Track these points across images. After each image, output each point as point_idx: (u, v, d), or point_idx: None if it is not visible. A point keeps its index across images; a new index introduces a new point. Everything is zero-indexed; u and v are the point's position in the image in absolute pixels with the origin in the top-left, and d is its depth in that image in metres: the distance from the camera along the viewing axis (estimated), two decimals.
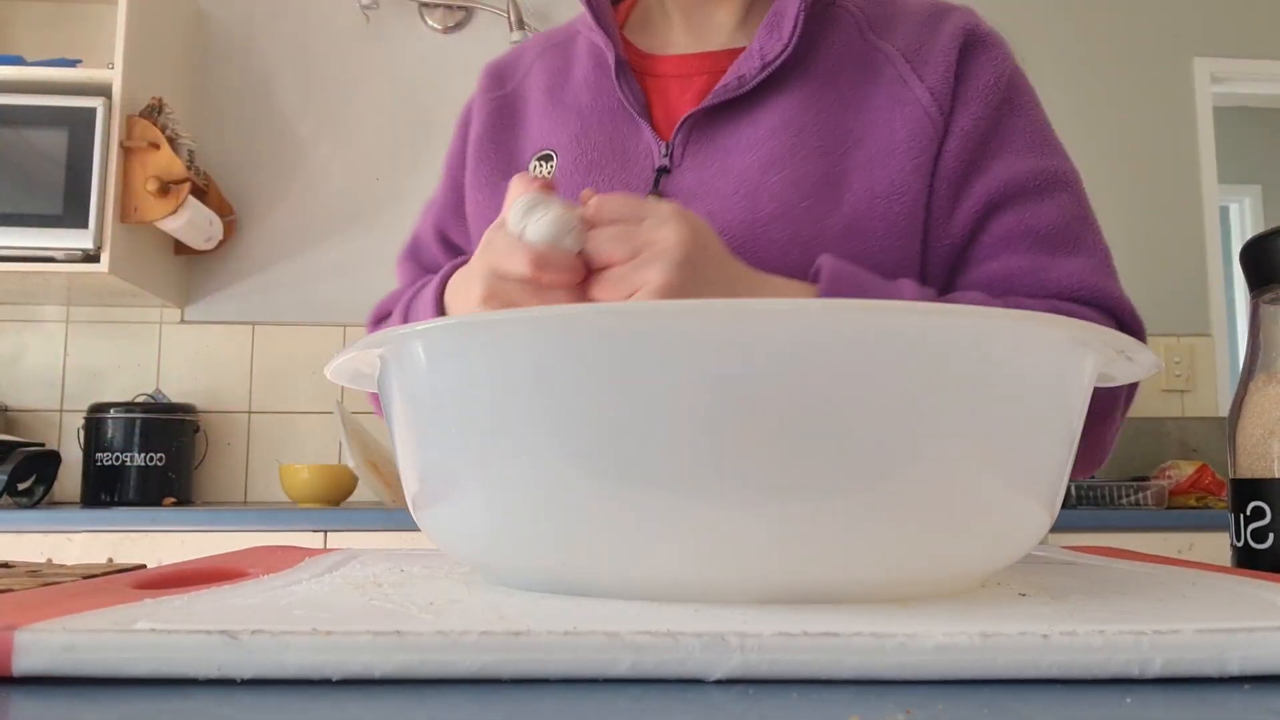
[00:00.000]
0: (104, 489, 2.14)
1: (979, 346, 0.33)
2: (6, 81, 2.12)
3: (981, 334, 0.33)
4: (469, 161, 0.83)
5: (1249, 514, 0.53)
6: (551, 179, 0.67)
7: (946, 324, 0.32)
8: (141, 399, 2.30)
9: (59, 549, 1.81)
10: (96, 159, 2.07)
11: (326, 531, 1.86)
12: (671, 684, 0.26)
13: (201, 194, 2.31)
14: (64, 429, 2.38)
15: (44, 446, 2.09)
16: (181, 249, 2.39)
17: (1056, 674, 0.26)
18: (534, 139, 0.80)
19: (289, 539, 1.74)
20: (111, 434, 2.15)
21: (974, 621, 0.28)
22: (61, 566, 0.50)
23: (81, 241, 2.05)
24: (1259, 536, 0.52)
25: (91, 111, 2.08)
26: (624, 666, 0.26)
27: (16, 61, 2.16)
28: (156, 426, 2.18)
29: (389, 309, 0.86)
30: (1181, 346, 2.60)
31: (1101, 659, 0.26)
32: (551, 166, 0.77)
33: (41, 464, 2.04)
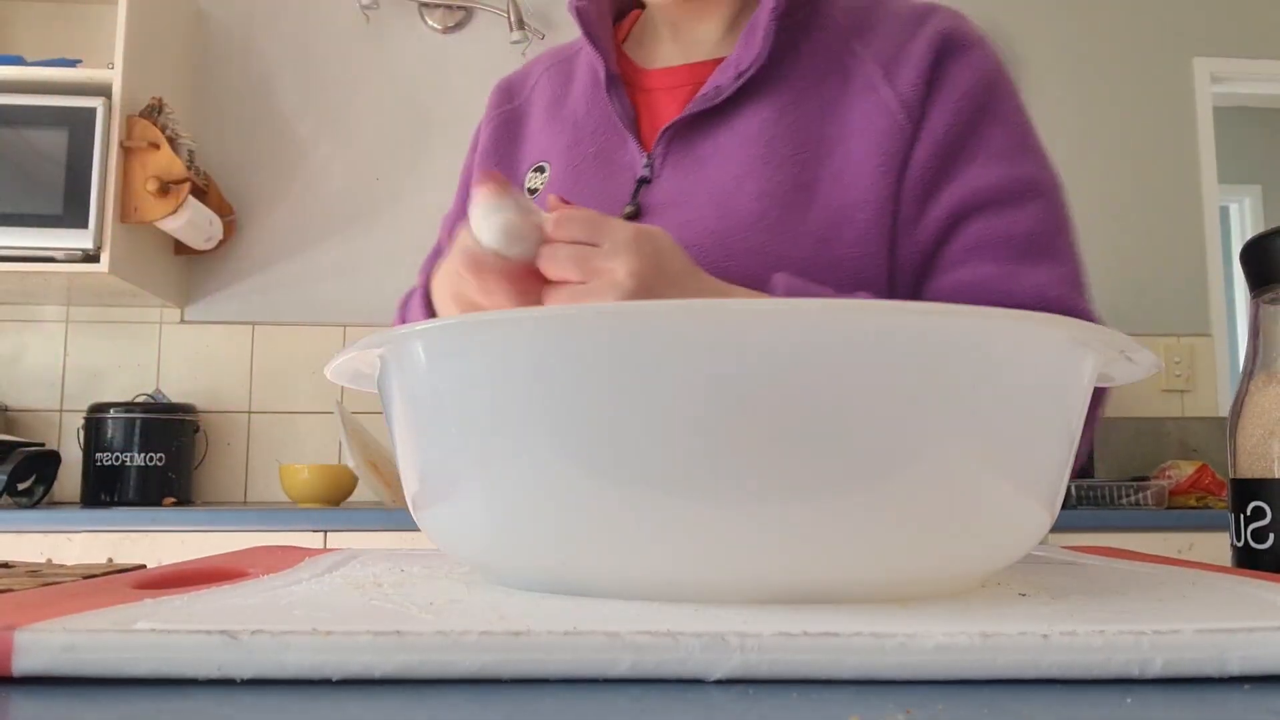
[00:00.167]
0: (104, 489, 2.14)
1: (978, 346, 0.33)
2: (6, 81, 2.12)
3: (981, 334, 0.33)
4: (475, 174, 0.85)
5: (1249, 514, 0.53)
6: (539, 189, 0.69)
7: (946, 324, 0.32)
8: (141, 399, 2.30)
9: (59, 549, 1.81)
10: (96, 159, 2.07)
11: (326, 531, 1.86)
12: (671, 684, 0.26)
13: (201, 194, 2.31)
14: (64, 429, 2.38)
15: (44, 446, 2.09)
16: (181, 249, 2.39)
17: (1056, 674, 0.26)
18: (532, 151, 0.82)
19: (289, 539, 1.74)
20: (111, 434, 2.15)
21: (974, 621, 0.28)
22: (61, 566, 0.50)
23: (81, 241, 2.05)
24: (1259, 536, 0.52)
25: (91, 111, 2.08)
26: (624, 666, 0.26)
27: (16, 61, 2.16)
28: (156, 426, 2.18)
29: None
30: (1181, 346, 2.60)
31: (1101, 659, 0.26)
32: (545, 177, 0.80)
33: (41, 464, 2.04)
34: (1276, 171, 4.30)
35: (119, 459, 2.14)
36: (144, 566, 0.49)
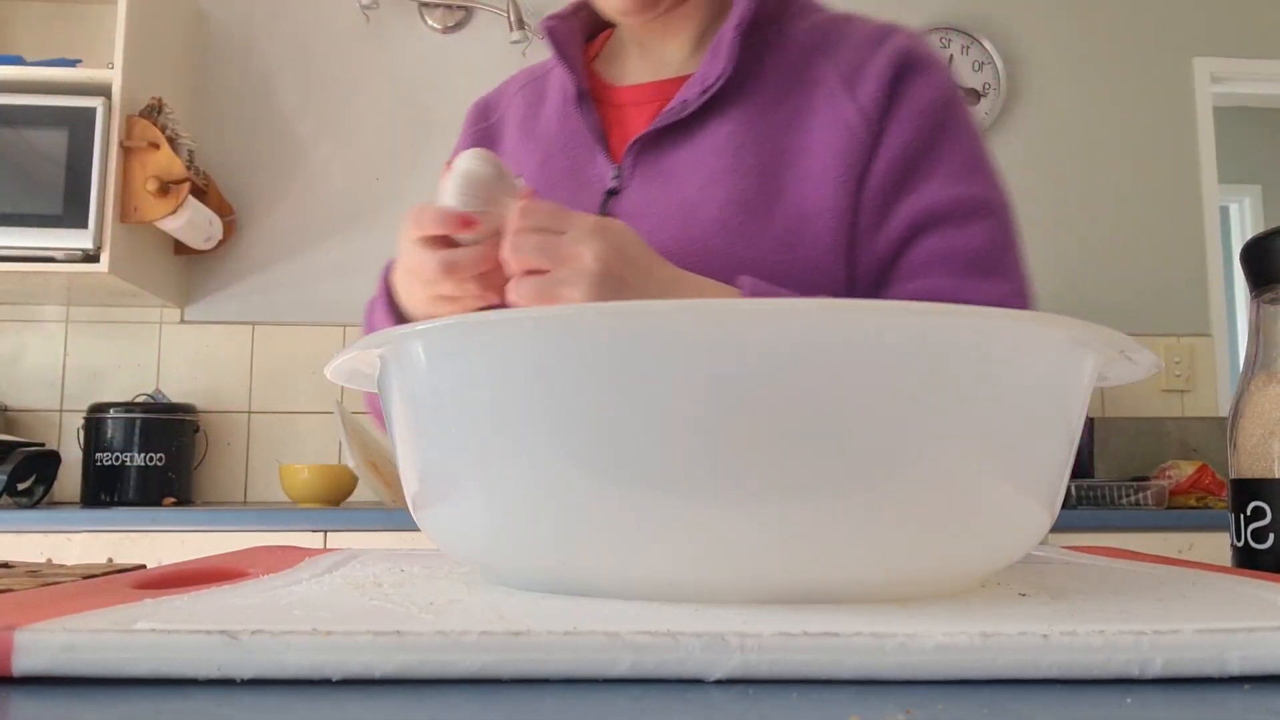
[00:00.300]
0: (104, 489, 2.14)
1: (978, 346, 0.33)
2: (6, 81, 2.12)
3: (981, 334, 0.33)
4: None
5: (1249, 514, 0.53)
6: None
7: (946, 324, 0.32)
8: (141, 399, 2.30)
9: (59, 549, 1.81)
10: (96, 159, 2.07)
11: (326, 531, 1.86)
12: (671, 684, 0.26)
13: (201, 194, 2.30)
14: (64, 429, 2.38)
15: (44, 446, 2.09)
16: (181, 249, 2.39)
17: (1056, 674, 0.26)
18: (507, 164, 0.84)
19: (289, 539, 1.73)
20: (111, 434, 2.15)
21: (974, 621, 0.28)
22: (61, 567, 0.50)
23: (81, 241, 2.05)
24: (1259, 537, 0.52)
25: (91, 111, 2.08)
26: (624, 666, 0.26)
27: (16, 61, 2.16)
28: (156, 426, 2.18)
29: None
30: (1181, 346, 2.60)
31: (1102, 659, 0.26)
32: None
33: (41, 464, 2.04)
34: (1277, 171, 4.30)
35: (119, 459, 2.14)
36: (144, 566, 0.49)
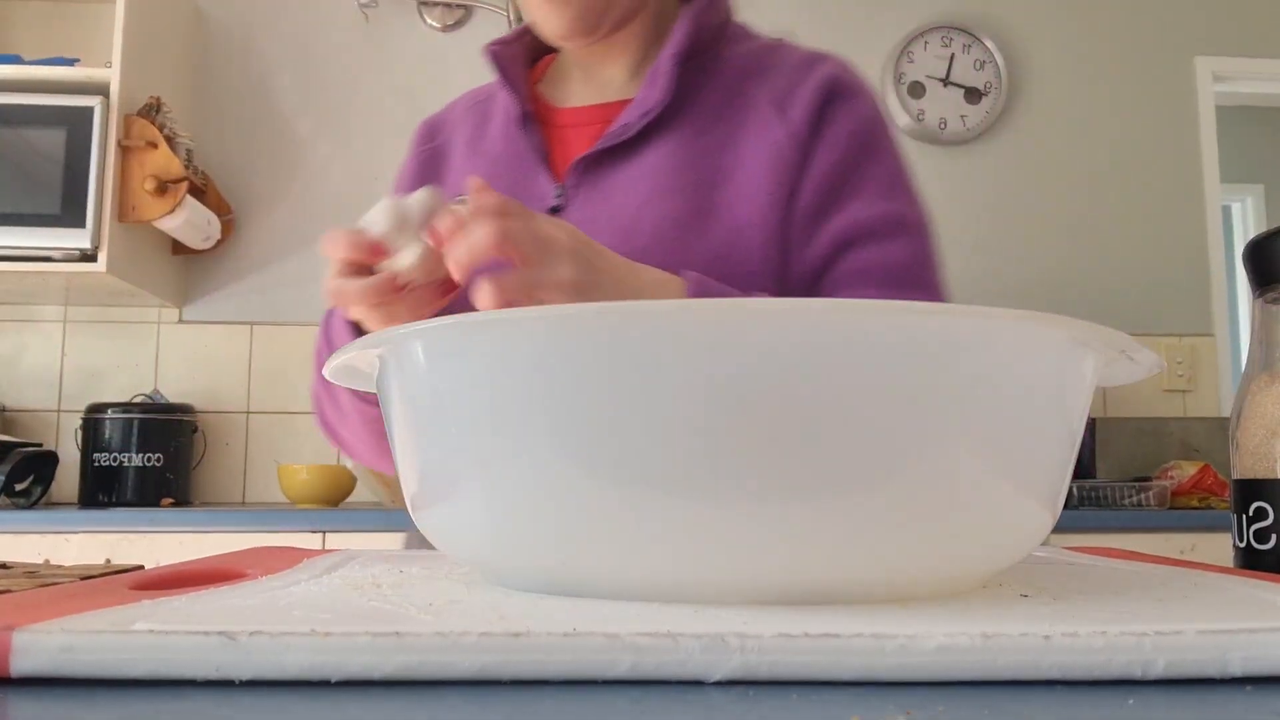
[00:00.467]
0: (102, 489, 2.14)
1: (979, 346, 0.33)
2: (4, 80, 2.12)
3: (981, 334, 0.33)
4: None
5: (1251, 515, 0.53)
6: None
7: (946, 324, 0.32)
8: (139, 399, 2.30)
9: (57, 550, 1.81)
10: (94, 158, 2.07)
11: (325, 532, 1.86)
12: (671, 685, 0.26)
13: (200, 193, 2.30)
14: (62, 429, 2.38)
15: (41, 447, 2.09)
16: (180, 248, 2.39)
17: (1058, 675, 0.26)
18: (452, 184, 0.88)
19: (287, 540, 1.73)
20: (109, 434, 2.15)
21: (975, 622, 0.28)
22: (59, 567, 0.50)
23: (79, 241, 2.05)
24: (1261, 537, 0.52)
25: (89, 110, 2.08)
26: (624, 668, 0.26)
27: (14, 60, 2.16)
28: (154, 427, 2.18)
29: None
30: (1183, 346, 2.60)
31: (1103, 660, 0.26)
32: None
33: (39, 464, 2.04)
34: (1279, 171, 4.30)
35: (117, 459, 2.14)
36: (142, 567, 0.49)
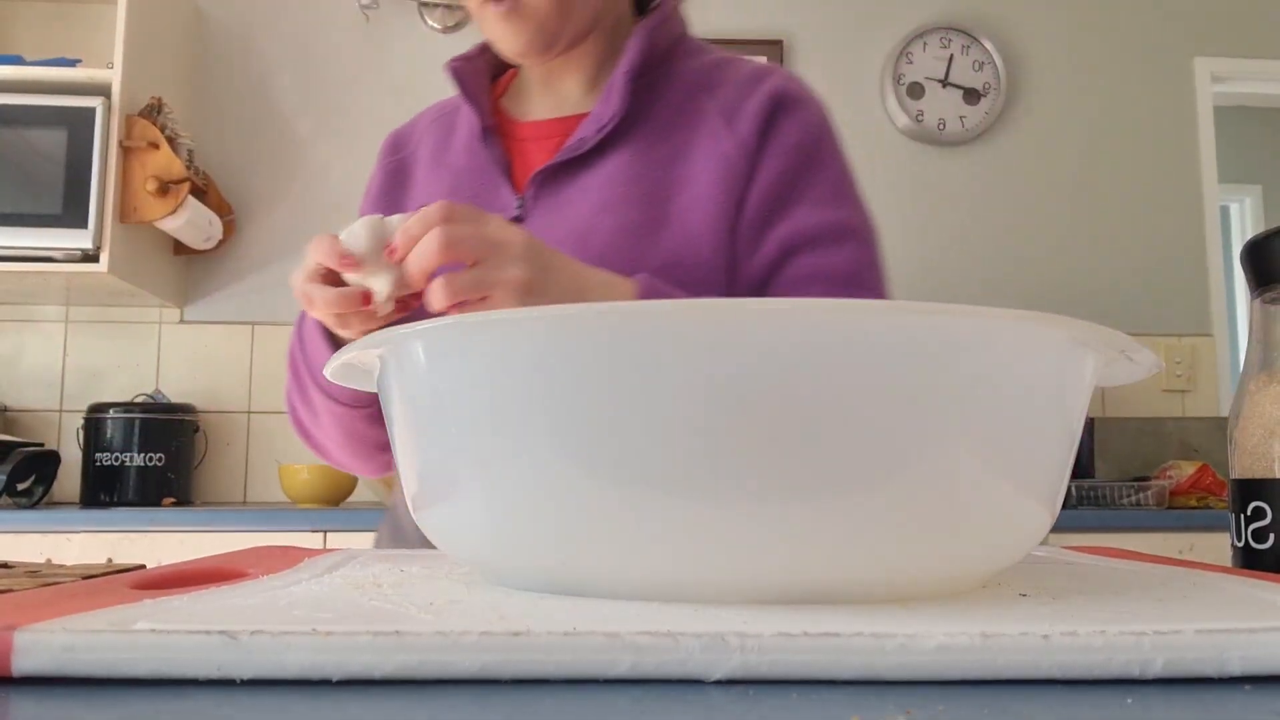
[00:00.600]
0: (103, 489, 2.14)
1: (978, 346, 0.33)
2: (6, 81, 2.12)
3: (981, 334, 0.33)
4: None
5: (1249, 514, 0.53)
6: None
7: (946, 324, 0.32)
8: (141, 399, 2.30)
9: (58, 549, 1.81)
10: (96, 159, 2.07)
11: (326, 532, 1.86)
12: (671, 684, 0.26)
13: (201, 194, 2.30)
14: (63, 429, 2.38)
15: (43, 446, 2.09)
16: (181, 249, 2.39)
17: (1057, 674, 0.26)
18: (418, 196, 0.91)
19: (288, 539, 1.73)
20: (111, 434, 2.15)
21: (974, 622, 0.28)
22: (61, 567, 0.50)
23: (81, 241, 2.05)
24: (1260, 537, 0.52)
25: (91, 111, 2.08)
26: (624, 667, 0.26)
27: (16, 61, 2.16)
28: (156, 426, 2.18)
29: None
30: (1182, 346, 2.60)
31: (1102, 659, 0.26)
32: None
33: (41, 464, 2.04)
34: (1277, 171, 4.30)
35: (118, 459, 2.14)
36: (143, 567, 0.49)
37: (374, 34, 2.55)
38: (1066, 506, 1.99)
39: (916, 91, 2.63)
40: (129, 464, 2.14)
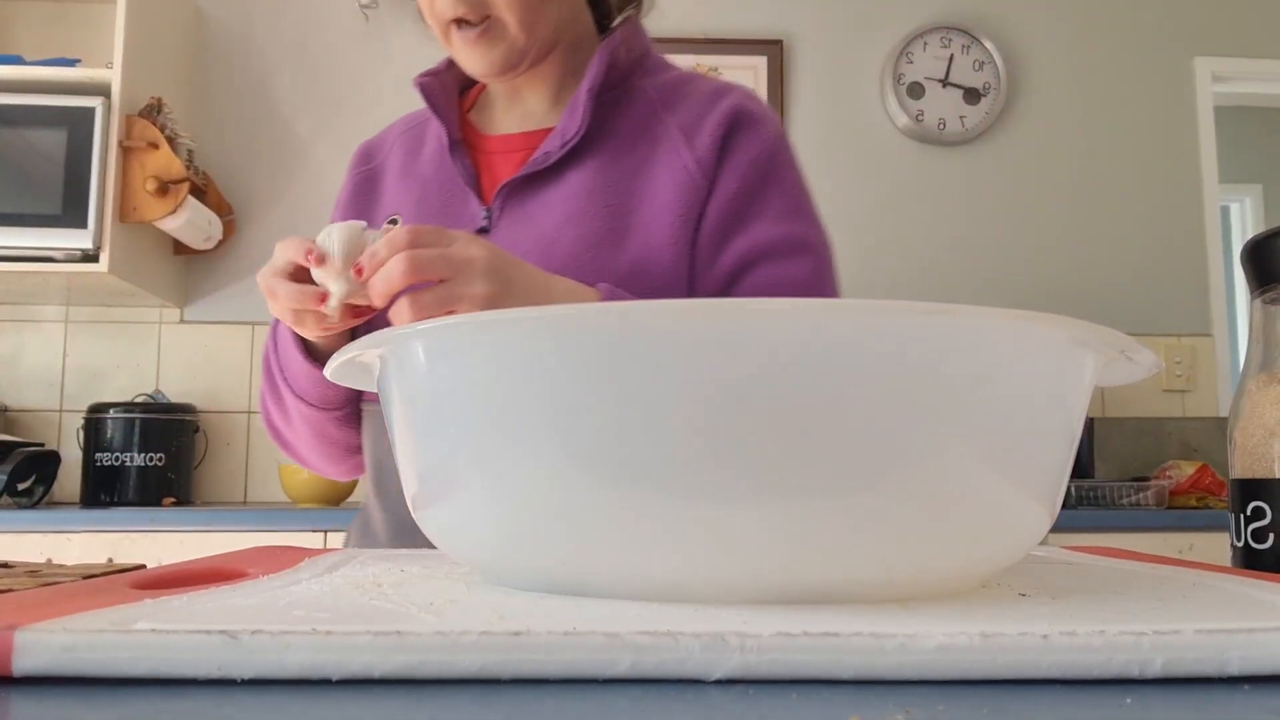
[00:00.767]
0: (104, 489, 2.14)
1: (979, 346, 0.33)
2: (6, 81, 2.12)
3: (981, 334, 0.33)
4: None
5: (1249, 514, 0.53)
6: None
7: (947, 324, 0.32)
8: (141, 399, 2.30)
9: (59, 549, 1.81)
10: (95, 159, 2.07)
11: (326, 532, 1.86)
12: (671, 684, 0.26)
13: (200, 193, 2.30)
14: (64, 429, 2.38)
15: (43, 446, 2.09)
16: (181, 249, 2.39)
17: (1057, 674, 0.26)
18: (387, 206, 0.94)
19: (289, 539, 1.73)
20: (111, 434, 2.15)
21: (974, 622, 0.28)
22: (61, 567, 0.50)
23: (80, 241, 2.05)
24: (1259, 537, 0.52)
25: (90, 111, 2.08)
26: (624, 666, 0.26)
27: (16, 61, 2.16)
28: (156, 426, 2.18)
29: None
30: (1182, 346, 2.60)
31: (1102, 659, 0.26)
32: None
33: (41, 464, 2.04)
34: (1277, 171, 4.30)
35: (119, 459, 2.14)
36: (144, 566, 0.49)
37: (374, 34, 2.55)
38: (1066, 506, 1.99)
39: (917, 91, 2.63)
40: (129, 464, 2.14)
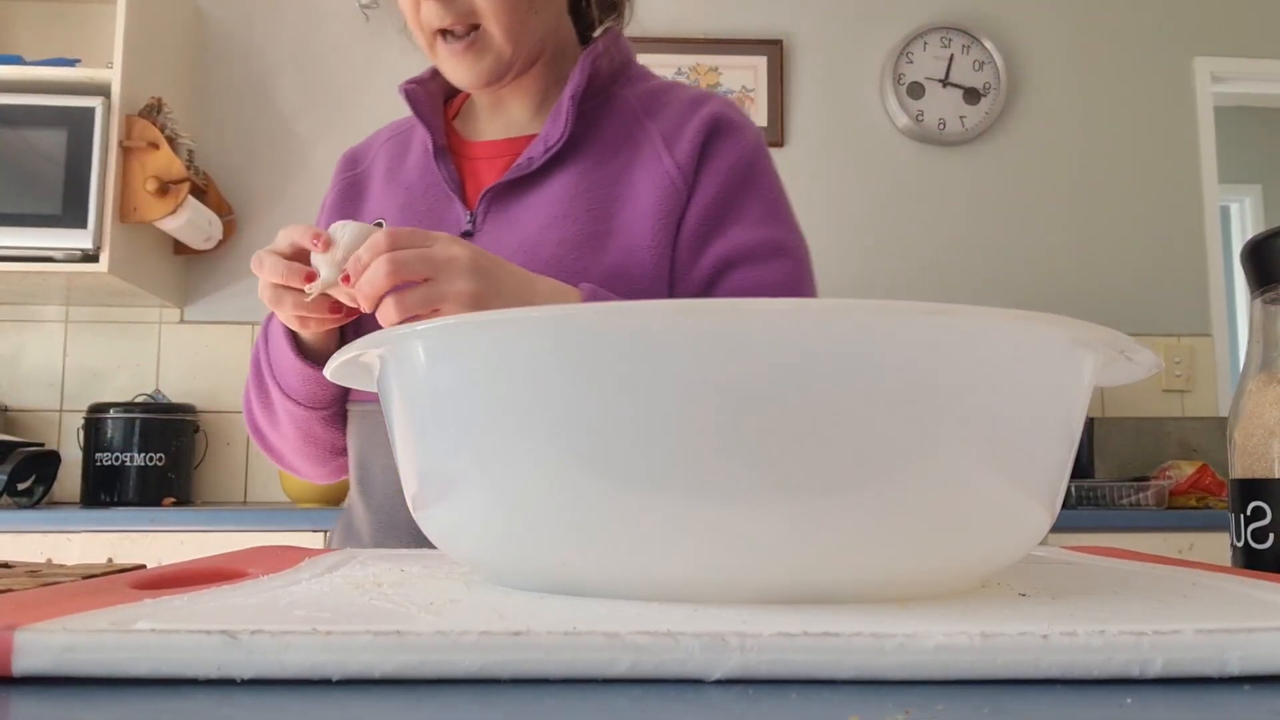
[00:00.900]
0: (104, 489, 2.14)
1: (979, 346, 0.33)
2: (6, 81, 2.12)
3: (981, 334, 0.33)
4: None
5: (1249, 514, 0.53)
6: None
7: (947, 324, 0.32)
8: (141, 399, 2.30)
9: (59, 549, 1.81)
10: (96, 159, 2.07)
11: (326, 532, 1.85)
12: (671, 684, 0.26)
13: (201, 193, 2.30)
14: (64, 429, 2.38)
15: (44, 446, 2.09)
16: (181, 249, 2.39)
17: (1056, 674, 0.26)
18: (372, 210, 0.95)
19: (289, 539, 1.73)
20: (111, 434, 2.15)
21: (974, 622, 0.28)
22: (61, 567, 0.50)
23: (81, 241, 2.05)
24: (1259, 537, 0.52)
25: (90, 111, 2.08)
26: (624, 666, 0.26)
27: (16, 61, 2.16)
28: (156, 426, 2.18)
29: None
30: (1182, 346, 2.60)
31: (1102, 659, 0.26)
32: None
33: (41, 464, 2.04)
34: (1277, 171, 4.30)
35: (119, 459, 2.14)
36: (144, 566, 0.49)
37: (374, 34, 2.55)
38: (1066, 506, 1.99)
39: (917, 91, 2.63)
40: (129, 464, 2.14)
